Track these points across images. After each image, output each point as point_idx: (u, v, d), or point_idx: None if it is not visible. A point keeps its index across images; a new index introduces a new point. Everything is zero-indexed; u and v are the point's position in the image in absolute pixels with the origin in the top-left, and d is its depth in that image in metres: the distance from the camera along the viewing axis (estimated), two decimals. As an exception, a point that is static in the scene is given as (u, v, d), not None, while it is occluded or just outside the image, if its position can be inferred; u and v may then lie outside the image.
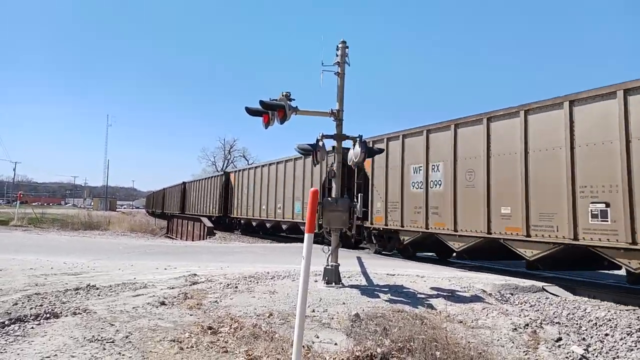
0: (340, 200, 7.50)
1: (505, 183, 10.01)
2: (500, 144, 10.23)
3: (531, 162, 9.41)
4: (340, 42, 8.02)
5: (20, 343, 4.06)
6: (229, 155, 75.07)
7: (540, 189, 9.21)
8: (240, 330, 4.67)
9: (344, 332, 4.92)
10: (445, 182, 11.67)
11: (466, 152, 11.12)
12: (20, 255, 10.68)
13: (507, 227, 9.86)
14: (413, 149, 12.89)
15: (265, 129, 7.65)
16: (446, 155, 11.65)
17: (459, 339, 4.98)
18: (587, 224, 8.28)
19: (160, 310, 5.38)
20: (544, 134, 9.24)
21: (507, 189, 9.95)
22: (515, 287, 7.77)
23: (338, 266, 7.42)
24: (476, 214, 10.64)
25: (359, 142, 7.70)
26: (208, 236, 25.56)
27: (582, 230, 8.36)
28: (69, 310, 5.14)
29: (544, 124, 9.26)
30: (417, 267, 10.56)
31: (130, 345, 4.14)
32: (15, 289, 6.25)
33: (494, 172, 10.31)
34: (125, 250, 13.92)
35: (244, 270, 8.53)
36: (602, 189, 8.12)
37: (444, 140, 11.80)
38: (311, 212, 3.92)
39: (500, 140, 10.22)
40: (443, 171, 11.78)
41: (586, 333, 5.74)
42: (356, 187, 14.93)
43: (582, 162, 8.47)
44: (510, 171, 9.82)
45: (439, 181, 11.90)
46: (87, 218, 34.76)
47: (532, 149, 9.41)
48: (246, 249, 15.62)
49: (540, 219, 9.17)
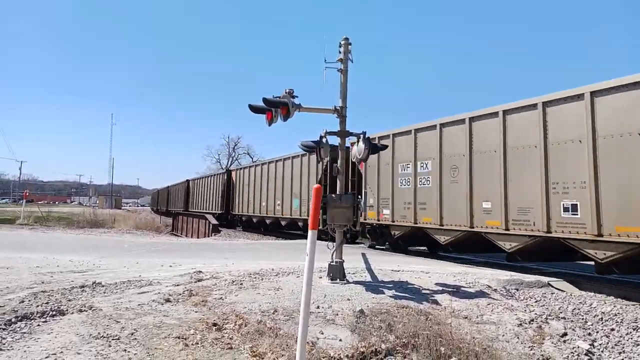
0: (344, 196, 7.50)
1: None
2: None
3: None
4: (343, 39, 8.00)
5: (26, 340, 4.10)
6: (233, 153, 75.34)
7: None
8: (245, 327, 4.69)
9: (348, 328, 4.92)
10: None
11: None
12: (26, 253, 10.74)
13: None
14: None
15: (268, 126, 7.65)
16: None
17: (464, 334, 4.98)
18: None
19: (166, 307, 5.41)
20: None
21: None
22: (520, 283, 7.75)
23: (342, 262, 7.42)
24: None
25: (362, 138, 7.69)
26: (213, 233, 25.64)
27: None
28: (74, 307, 5.17)
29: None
30: (421, 263, 10.55)
31: (135, 342, 4.16)
32: (22, 287, 6.29)
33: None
34: (130, 248, 13.98)
35: (249, 267, 8.55)
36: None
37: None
38: (314, 208, 3.92)
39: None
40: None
41: (592, 328, 5.72)
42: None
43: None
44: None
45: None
46: (92, 216, 34.86)
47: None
48: (250, 246, 15.65)
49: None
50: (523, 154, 9.62)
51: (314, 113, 7.97)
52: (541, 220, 9.05)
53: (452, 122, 11.64)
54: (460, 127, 11.33)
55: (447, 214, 11.59)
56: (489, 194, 10.37)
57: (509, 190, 9.87)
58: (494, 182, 10.19)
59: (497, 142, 10.19)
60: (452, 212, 11.43)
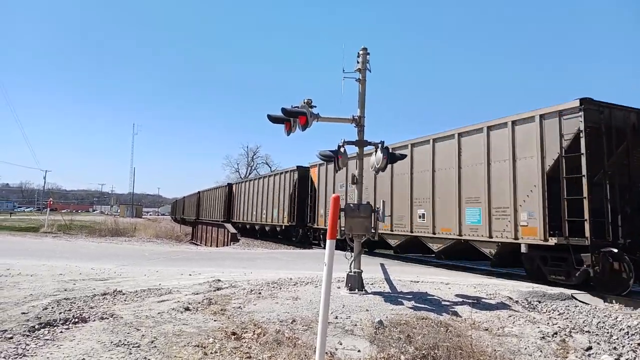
0: (363, 206, 7.47)
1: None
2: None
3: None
4: (361, 49, 8.03)
5: (49, 347, 4.16)
6: (252, 162, 75.76)
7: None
8: (263, 336, 4.69)
9: (367, 339, 4.88)
10: None
11: None
12: (50, 261, 10.94)
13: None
14: None
15: (287, 136, 7.70)
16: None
17: (485, 347, 4.89)
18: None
19: (185, 316, 5.44)
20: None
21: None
22: (542, 295, 7.60)
23: (361, 272, 7.38)
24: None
25: (381, 148, 7.67)
26: (232, 242, 25.93)
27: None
28: (96, 315, 5.24)
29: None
30: (442, 274, 10.43)
31: (155, 350, 4.19)
32: (45, 294, 6.41)
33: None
34: (150, 257, 14.14)
35: (267, 276, 8.56)
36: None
37: None
38: (333, 218, 3.91)
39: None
40: None
41: (617, 342, 5.57)
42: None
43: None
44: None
45: None
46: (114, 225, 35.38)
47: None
48: (269, 255, 15.68)
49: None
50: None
51: (332, 123, 8.00)
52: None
53: None
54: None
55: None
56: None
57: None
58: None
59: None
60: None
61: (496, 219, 10.52)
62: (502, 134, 10.59)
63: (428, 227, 12.59)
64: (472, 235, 11.16)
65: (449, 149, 12.14)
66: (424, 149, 13.12)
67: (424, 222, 12.81)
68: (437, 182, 12.46)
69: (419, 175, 13.22)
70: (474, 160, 11.34)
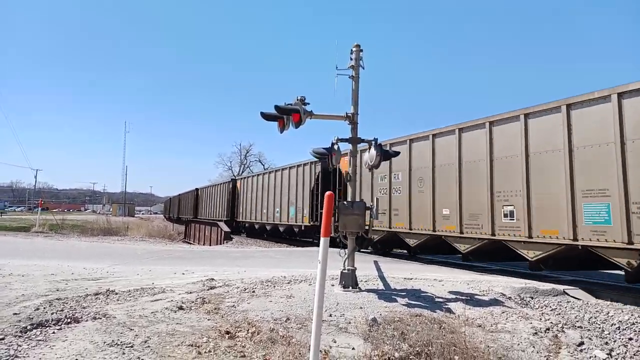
0: (357, 203, 7.48)
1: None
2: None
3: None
4: (354, 46, 8.02)
5: (42, 347, 4.13)
6: (245, 160, 75.64)
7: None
8: (257, 335, 4.68)
9: (361, 337, 4.89)
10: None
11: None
12: (41, 260, 10.86)
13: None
14: None
15: (280, 134, 7.68)
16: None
17: (478, 343, 4.92)
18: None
19: (179, 315, 5.42)
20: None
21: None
22: (535, 291, 7.65)
23: (355, 270, 7.39)
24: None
25: (374, 145, 7.68)
26: (225, 240, 25.79)
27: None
28: (89, 315, 5.21)
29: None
30: (435, 271, 10.47)
31: (149, 350, 4.18)
32: (37, 294, 6.36)
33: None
34: (143, 256, 14.06)
35: (261, 275, 8.55)
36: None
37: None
38: (327, 215, 3.91)
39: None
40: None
41: (609, 337, 5.62)
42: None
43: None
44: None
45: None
46: (106, 224, 35.13)
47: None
48: (262, 253, 15.66)
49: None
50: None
51: (326, 120, 7.99)
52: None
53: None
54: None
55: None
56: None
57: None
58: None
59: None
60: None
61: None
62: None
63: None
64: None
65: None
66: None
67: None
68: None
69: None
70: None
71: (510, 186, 10.08)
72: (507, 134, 10.25)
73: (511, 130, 10.15)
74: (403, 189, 13.47)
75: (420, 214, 12.71)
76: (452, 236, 11.55)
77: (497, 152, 10.48)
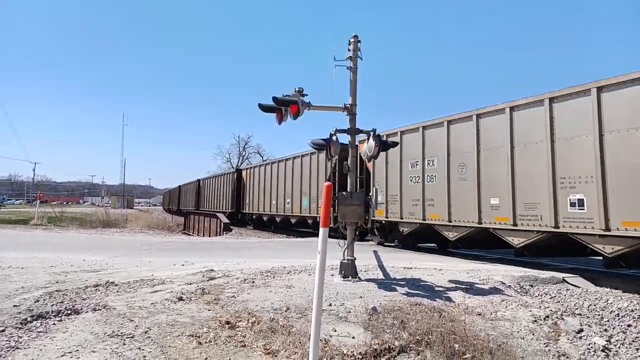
0: (355, 194, 7.47)
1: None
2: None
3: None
4: (353, 37, 7.97)
5: (42, 339, 4.13)
6: (243, 152, 75.45)
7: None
8: (257, 325, 4.69)
9: (361, 326, 4.90)
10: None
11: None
12: (41, 253, 10.86)
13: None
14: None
15: (278, 125, 7.64)
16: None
17: (478, 331, 4.93)
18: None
19: (178, 306, 5.43)
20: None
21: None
22: (534, 279, 7.67)
23: (354, 260, 7.40)
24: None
25: (373, 135, 7.64)
26: (224, 232, 25.78)
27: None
28: (89, 306, 5.21)
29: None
30: (434, 260, 10.49)
31: (149, 340, 4.18)
32: (37, 286, 6.36)
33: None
34: (142, 247, 14.08)
35: (261, 265, 8.56)
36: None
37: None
38: (326, 206, 3.90)
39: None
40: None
41: (608, 324, 5.63)
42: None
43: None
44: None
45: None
46: (105, 216, 35.02)
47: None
48: (262, 244, 15.68)
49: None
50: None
51: (324, 111, 7.95)
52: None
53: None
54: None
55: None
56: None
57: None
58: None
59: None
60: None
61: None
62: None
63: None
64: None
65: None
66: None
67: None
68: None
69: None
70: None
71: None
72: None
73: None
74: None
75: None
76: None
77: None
